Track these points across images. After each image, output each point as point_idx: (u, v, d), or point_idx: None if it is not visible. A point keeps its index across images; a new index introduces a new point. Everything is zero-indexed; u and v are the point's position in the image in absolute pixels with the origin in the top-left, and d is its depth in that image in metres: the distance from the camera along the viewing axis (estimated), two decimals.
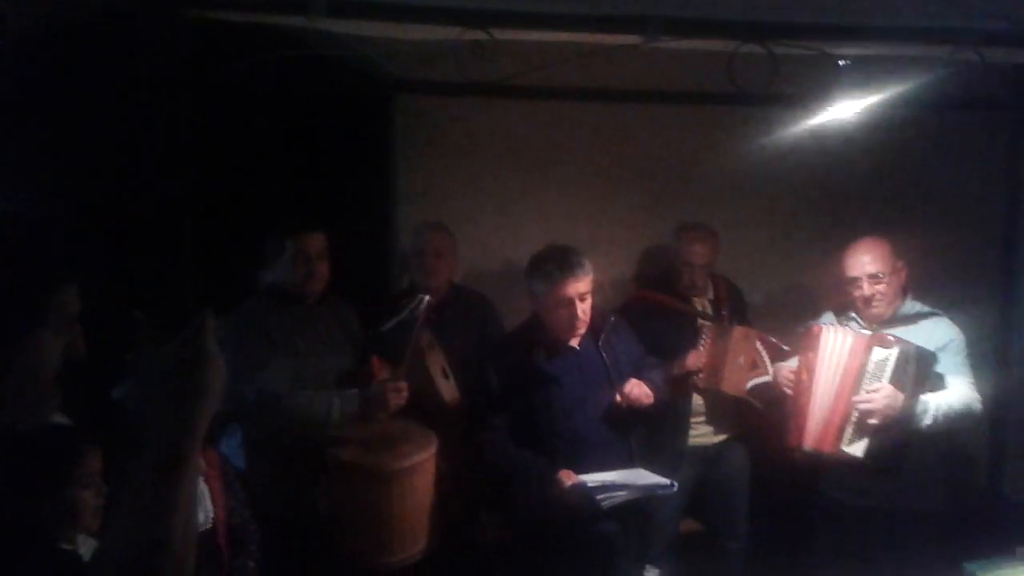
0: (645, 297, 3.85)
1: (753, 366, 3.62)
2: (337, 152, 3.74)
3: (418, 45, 3.00)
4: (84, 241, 1.39)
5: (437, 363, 3.35)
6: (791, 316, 3.89)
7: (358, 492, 2.97)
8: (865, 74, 2.95)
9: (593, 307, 3.20)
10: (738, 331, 3.62)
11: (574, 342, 3.20)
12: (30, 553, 1.27)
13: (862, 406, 3.06)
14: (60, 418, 1.72)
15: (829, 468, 3.34)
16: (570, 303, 3.07)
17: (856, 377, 3.12)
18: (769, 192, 4.07)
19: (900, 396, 3.01)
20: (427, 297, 3.09)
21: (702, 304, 3.86)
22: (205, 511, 2.70)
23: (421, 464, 3.00)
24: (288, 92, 3.34)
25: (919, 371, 3.06)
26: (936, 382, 3.15)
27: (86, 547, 2.08)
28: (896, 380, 3.04)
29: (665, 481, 2.96)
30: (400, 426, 3.16)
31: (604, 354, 3.19)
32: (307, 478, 3.03)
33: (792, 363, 3.45)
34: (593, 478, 2.98)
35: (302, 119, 3.59)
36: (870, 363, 3.10)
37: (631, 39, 2.25)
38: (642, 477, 3.02)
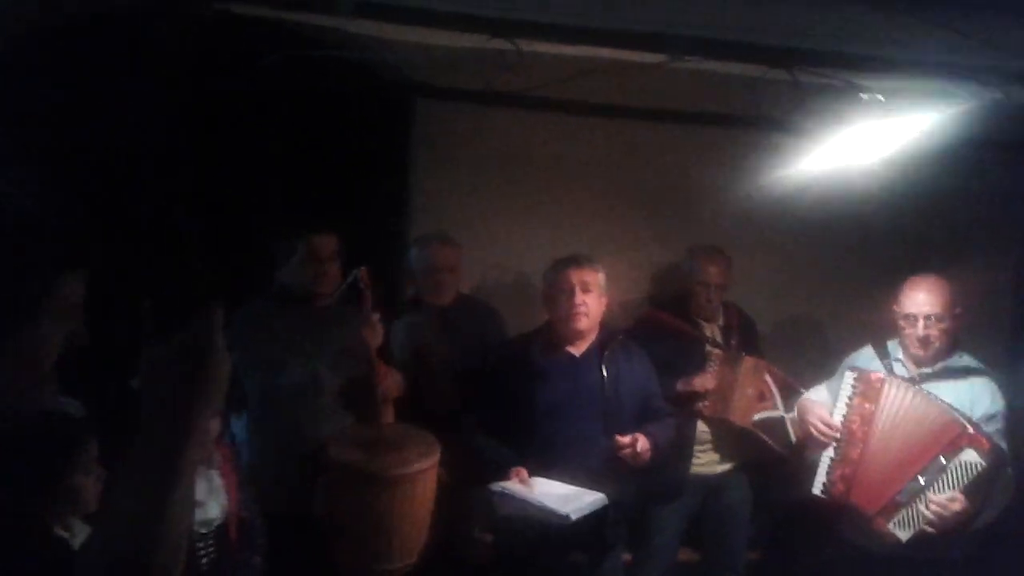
0: (656, 318, 3.82)
1: (761, 398, 3.58)
2: (353, 154, 3.73)
3: (440, 51, 2.99)
4: (90, 231, 1.36)
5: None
6: (800, 349, 3.86)
7: (357, 496, 2.94)
8: (890, 107, 2.92)
9: (603, 325, 3.22)
10: (748, 361, 3.59)
11: (575, 349, 3.19)
12: (22, 539, 1.25)
13: (932, 510, 2.85)
14: (61, 403, 1.70)
15: (844, 508, 3.18)
16: (570, 290, 3.10)
17: (929, 454, 2.91)
18: (785, 221, 4.03)
19: (970, 510, 2.83)
20: (362, 269, 3.06)
21: (712, 330, 3.82)
22: (220, 504, 2.70)
23: (424, 472, 2.97)
24: (307, 91, 3.34)
25: (1003, 484, 2.90)
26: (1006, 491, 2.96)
27: (80, 532, 2.09)
28: (975, 491, 2.84)
29: (562, 512, 2.83)
30: (404, 430, 3.14)
31: (604, 369, 3.14)
32: (308, 478, 3.02)
33: (814, 394, 3.34)
34: (544, 485, 2.98)
35: (320, 119, 3.59)
36: (956, 460, 2.86)
37: (656, 57, 2.23)
38: (566, 501, 2.90)
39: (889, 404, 3.05)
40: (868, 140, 3.13)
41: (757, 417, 3.56)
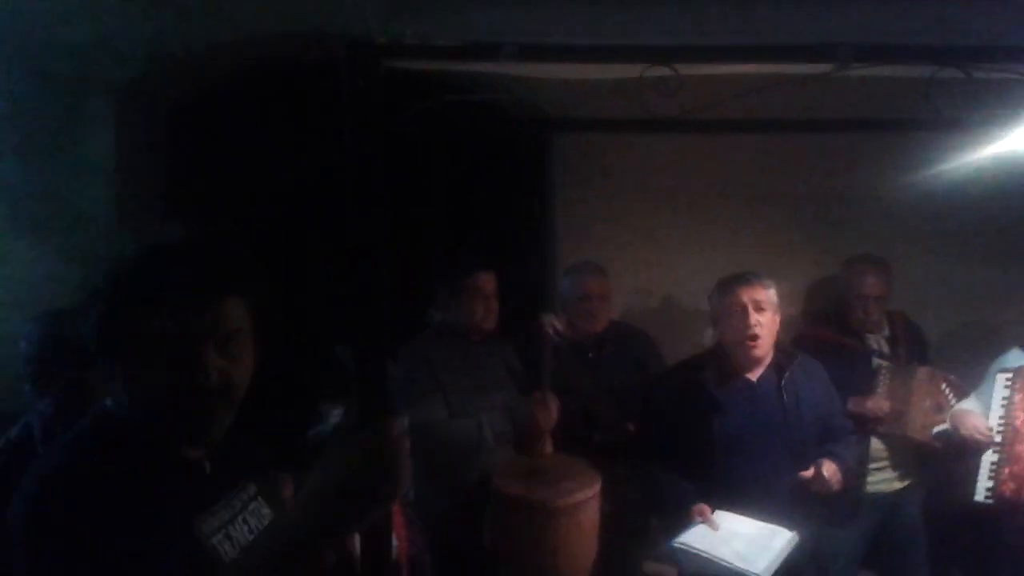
0: (814, 335, 3.68)
1: (939, 409, 3.41)
2: (499, 192, 3.79)
3: (580, 83, 2.99)
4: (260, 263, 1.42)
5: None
6: (970, 354, 3.66)
7: (523, 527, 2.94)
8: None
9: (779, 344, 3.08)
10: (923, 371, 3.44)
11: (752, 375, 3.04)
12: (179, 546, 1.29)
13: None
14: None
15: (1014, 517, 3.09)
16: (742, 310, 2.95)
17: None
18: (954, 223, 3.85)
19: None
20: (550, 316, 3.13)
21: (877, 342, 3.66)
22: (391, 545, 2.73)
23: (587, 501, 2.95)
24: (450, 135, 3.41)
25: None
26: None
27: None
28: None
29: (753, 572, 2.67)
30: (564, 460, 3.14)
31: (784, 394, 2.98)
32: (473, 510, 3.04)
33: (966, 404, 3.26)
34: (727, 520, 2.85)
35: (471, 159, 3.67)
36: None
37: (820, 67, 2.15)
38: (756, 551, 2.74)
39: None
40: None
41: (936, 430, 3.38)
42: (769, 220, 4.05)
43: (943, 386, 3.42)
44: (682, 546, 2.81)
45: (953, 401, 3.40)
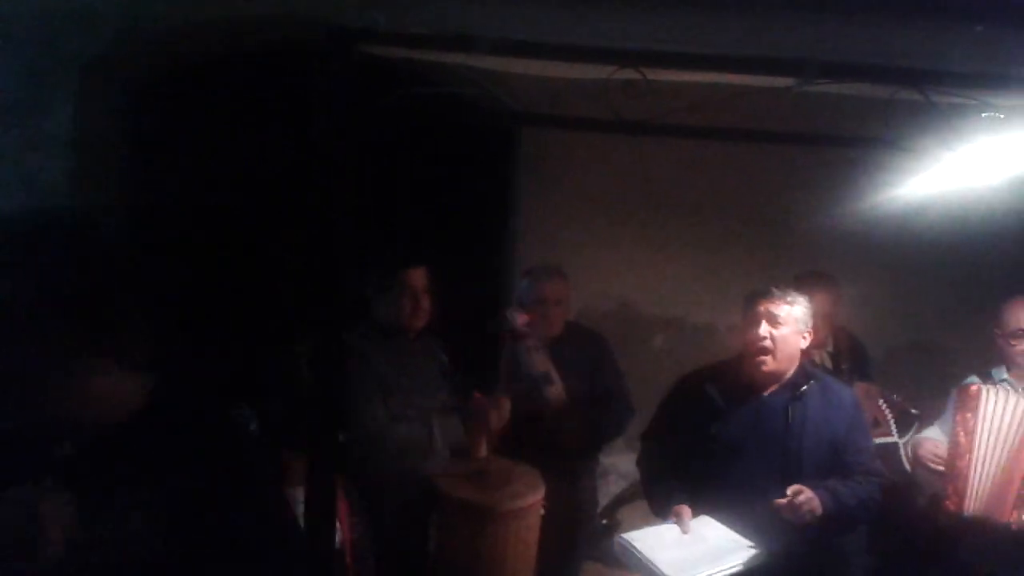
0: None
1: (875, 424, 3.49)
2: (463, 187, 3.79)
3: (560, 83, 3.01)
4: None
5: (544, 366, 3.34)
6: (916, 373, 3.76)
7: (469, 531, 2.92)
8: (1011, 125, 2.84)
9: (806, 364, 3.02)
10: (861, 387, 3.49)
11: (762, 389, 2.96)
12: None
13: None
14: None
15: (971, 535, 3.15)
16: (756, 322, 2.89)
17: None
18: (904, 243, 3.94)
19: None
20: (509, 311, 3.10)
21: (820, 357, 3.73)
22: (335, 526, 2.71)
23: (533, 506, 2.94)
24: (417, 126, 3.41)
25: None
26: None
27: None
28: None
29: None
30: (508, 464, 3.13)
31: (791, 414, 2.88)
32: (418, 513, 3.01)
33: (929, 432, 3.35)
34: (704, 526, 2.85)
35: (433, 154, 3.67)
36: None
37: (783, 81, 2.22)
38: (708, 563, 2.70)
39: (991, 409, 3.11)
40: (990, 158, 3.05)
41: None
42: (723, 231, 4.12)
43: (880, 402, 3.51)
44: (623, 542, 2.83)
45: (891, 419, 3.49)
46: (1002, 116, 2.79)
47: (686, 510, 2.86)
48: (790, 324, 2.91)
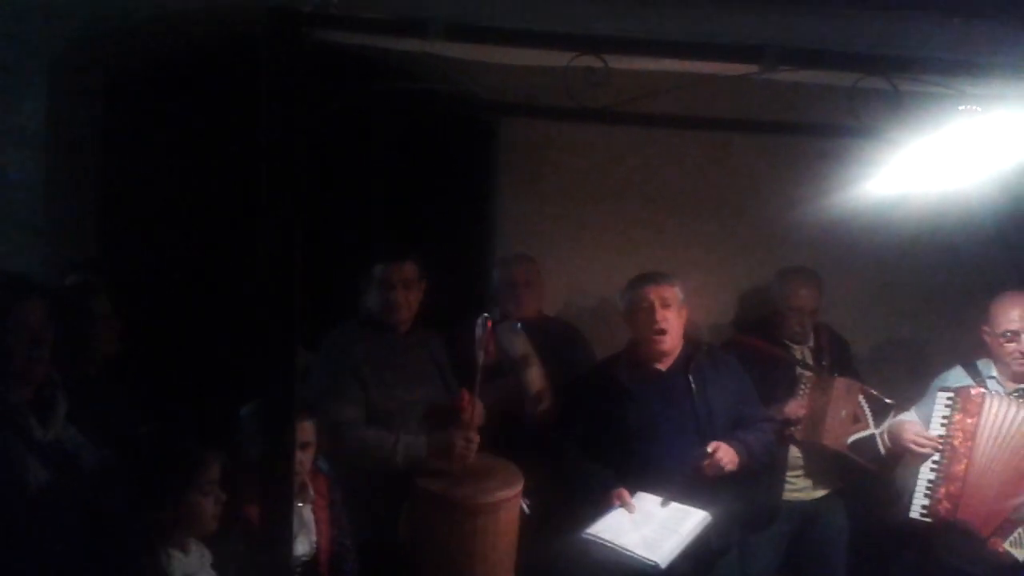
0: (742, 342, 3.72)
1: (855, 420, 3.47)
2: (436, 179, 3.77)
3: (523, 71, 2.98)
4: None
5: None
6: (897, 368, 3.71)
7: (441, 524, 2.92)
8: (989, 117, 2.80)
9: (688, 337, 3.26)
10: (840, 383, 3.47)
11: (661, 365, 3.21)
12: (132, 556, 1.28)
13: None
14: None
15: (945, 532, 3.16)
16: (649, 307, 3.13)
17: None
18: (881, 236, 3.90)
19: None
20: (486, 315, 3.10)
21: (802, 352, 3.71)
22: (309, 540, 2.68)
23: (507, 501, 2.94)
24: (391, 119, 3.38)
25: None
26: None
27: (199, 553, 2.16)
28: None
29: (651, 561, 2.79)
30: (488, 460, 3.11)
31: (692, 382, 3.14)
32: (391, 505, 3.00)
33: (905, 416, 3.32)
34: (646, 502, 2.99)
35: (404, 145, 3.64)
36: None
37: (747, 68, 2.17)
38: (659, 540, 2.86)
39: (992, 418, 3.08)
40: (966, 151, 3.01)
41: (851, 439, 3.43)
42: (703, 223, 4.10)
43: (860, 398, 3.47)
44: (591, 537, 2.91)
45: (868, 413, 3.45)
46: (979, 109, 2.76)
47: (625, 492, 3.03)
48: (676, 304, 3.18)
